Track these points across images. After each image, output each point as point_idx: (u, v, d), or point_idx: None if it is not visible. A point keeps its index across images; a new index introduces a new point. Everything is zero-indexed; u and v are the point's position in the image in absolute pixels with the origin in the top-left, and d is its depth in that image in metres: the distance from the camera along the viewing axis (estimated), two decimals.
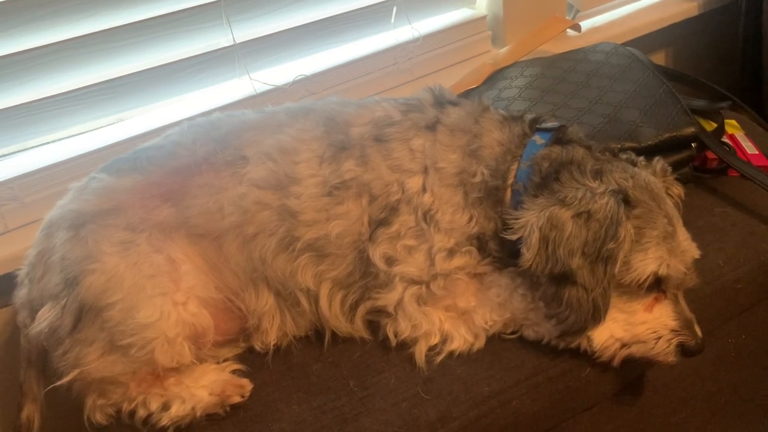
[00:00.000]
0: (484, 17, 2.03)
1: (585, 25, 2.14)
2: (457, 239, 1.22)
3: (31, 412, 1.27)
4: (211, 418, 1.18)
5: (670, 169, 1.30)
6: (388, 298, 1.22)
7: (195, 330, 1.19)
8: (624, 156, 1.26)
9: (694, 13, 2.28)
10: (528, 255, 1.12)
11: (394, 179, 1.23)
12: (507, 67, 1.84)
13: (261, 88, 1.72)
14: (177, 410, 1.16)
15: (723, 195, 1.53)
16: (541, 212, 1.13)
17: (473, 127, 1.27)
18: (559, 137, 1.25)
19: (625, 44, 1.83)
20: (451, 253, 1.21)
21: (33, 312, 1.19)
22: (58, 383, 1.18)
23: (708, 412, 1.48)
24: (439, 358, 1.20)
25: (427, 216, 1.22)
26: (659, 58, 2.43)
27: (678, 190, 1.29)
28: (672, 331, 1.15)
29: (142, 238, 1.18)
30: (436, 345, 1.21)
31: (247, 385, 1.21)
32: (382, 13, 1.87)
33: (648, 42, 2.20)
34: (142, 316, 1.14)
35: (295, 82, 1.74)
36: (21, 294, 1.23)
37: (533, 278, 1.16)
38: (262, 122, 1.30)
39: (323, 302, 1.25)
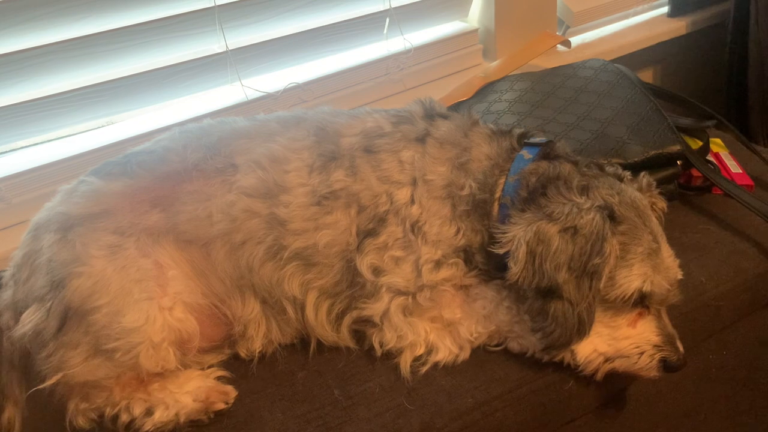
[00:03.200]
0: (475, 31, 2.05)
1: (575, 41, 2.17)
2: (444, 251, 1.23)
3: (12, 414, 1.25)
4: (194, 424, 1.17)
5: (654, 183, 1.32)
6: (374, 308, 1.22)
7: (180, 335, 1.18)
8: (610, 170, 1.27)
9: (682, 32, 2.31)
10: (515, 269, 1.13)
11: (383, 190, 1.24)
12: (497, 80, 1.86)
13: (252, 94, 1.72)
14: (160, 416, 1.15)
15: (707, 212, 1.56)
16: (529, 227, 1.14)
17: (462, 141, 1.28)
18: (546, 152, 1.26)
19: (613, 61, 1.85)
20: (437, 264, 1.22)
21: (17, 314, 1.18)
22: (41, 386, 1.17)
23: (688, 427, 1.49)
24: (424, 369, 1.21)
25: (415, 227, 1.22)
26: (647, 76, 2.47)
27: (662, 203, 1.31)
28: (655, 346, 1.17)
29: (130, 242, 1.18)
30: (421, 356, 1.22)
31: (232, 392, 1.20)
32: (375, 23, 1.88)
33: (636, 59, 2.23)
34: (127, 320, 1.14)
35: (286, 90, 1.75)
36: (5, 295, 1.22)
37: (520, 292, 1.17)
38: (253, 130, 1.30)
39: (309, 311, 1.25)
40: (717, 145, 1.74)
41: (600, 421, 1.30)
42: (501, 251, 1.16)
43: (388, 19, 1.88)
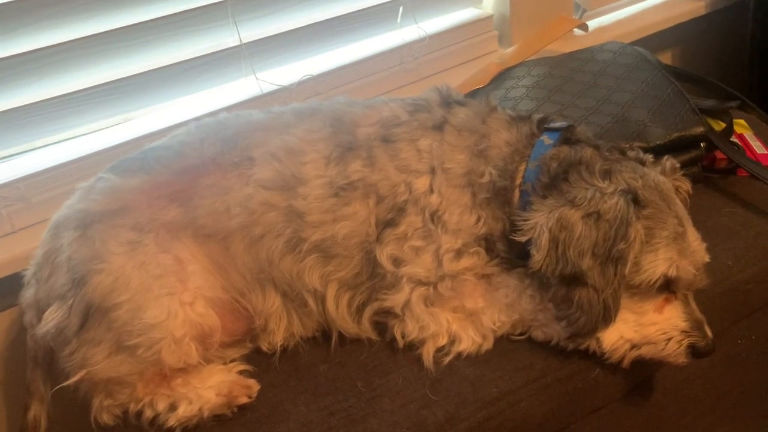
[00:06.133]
0: (490, 17, 2.03)
1: (592, 24, 2.13)
2: (465, 240, 1.21)
3: (37, 412, 1.27)
4: (218, 418, 1.17)
5: (678, 166, 1.29)
6: (395, 299, 1.21)
7: (202, 330, 1.18)
8: (632, 154, 1.25)
9: (702, 12, 2.27)
10: (538, 256, 1.12)
11: (401, 180, 1.22)
12: (514, 66, 1.84)
13: (267, 88, 1.71)
14: (184, 411, 1.16)
15: (732, 195, 1.52)
16: (551, 213, 1.12)
17: (481, 127, 1.26)
18: (567, 137, 1.24)
19: (632, 44, 1.82)
20: (458, 254, 1.21)
21: (40, 312, 1.19)
22: (65, 384, 1.18)
23: (717, 414, 1.47)
24: (447, 360, 1.20)
25: (435, 217, 1.21)
26: (666, 58, 2.42)
27: (686, 186, 1.28)
28: (682, 332, 1.14)
29: (149, 238, 1.18)
30: (443, 346, 1.20)
31: (254, 385, 1.20)
32: (389, 12, 1.86)
33: (655, 41, 2.19)
34: (149, 316, 1.14)
35: (301, 82, 1.74)
36: (27, 294, 1.23)
37: (543, 279, 1.15)
38: (269, 123, 1.30)
39: (330, 303, 1.24)
40: (741, 126, 1.70)
41: (627, 408, 1.28)
42: (523, 239, 1.15)
43: (401, 8, 1.86)
